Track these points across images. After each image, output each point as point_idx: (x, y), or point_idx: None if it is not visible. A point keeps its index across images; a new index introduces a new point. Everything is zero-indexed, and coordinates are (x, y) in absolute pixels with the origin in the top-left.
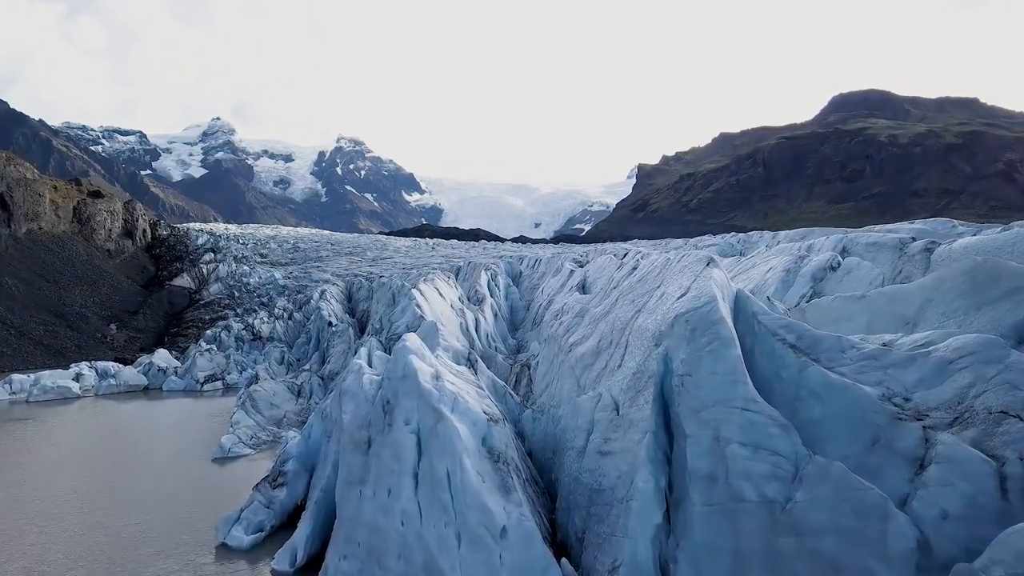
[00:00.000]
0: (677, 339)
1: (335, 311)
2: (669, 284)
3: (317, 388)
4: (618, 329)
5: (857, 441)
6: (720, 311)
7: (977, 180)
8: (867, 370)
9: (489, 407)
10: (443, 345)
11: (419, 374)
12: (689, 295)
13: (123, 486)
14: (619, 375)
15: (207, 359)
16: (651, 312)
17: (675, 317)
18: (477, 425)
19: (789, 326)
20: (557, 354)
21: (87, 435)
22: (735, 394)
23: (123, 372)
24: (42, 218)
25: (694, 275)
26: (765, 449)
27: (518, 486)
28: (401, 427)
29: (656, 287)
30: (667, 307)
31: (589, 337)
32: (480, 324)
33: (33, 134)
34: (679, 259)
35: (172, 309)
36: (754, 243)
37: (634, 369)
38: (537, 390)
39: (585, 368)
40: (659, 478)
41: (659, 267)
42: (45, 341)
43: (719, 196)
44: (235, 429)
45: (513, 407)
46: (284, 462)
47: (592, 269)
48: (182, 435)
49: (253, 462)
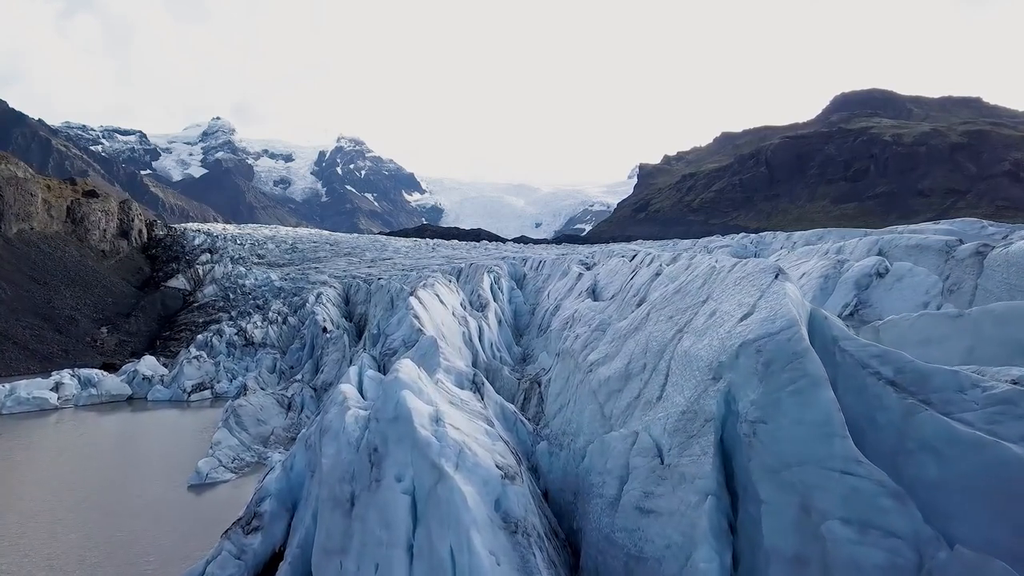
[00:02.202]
0: (744, 373)
1: (331, 316)
2: (723, 299)
3: (309, 401)
4: (654, 351)
5: (1001, 521)
6: (805, 340)
7: (983, 180)
8: (1003, 419)
9: (503, 455)
10: (444, 366)
11: (414, 417)
12: (757, 316)
13: (75, 526)
14: (659, 411)
15: (195, 367)
16: (700, 334)
17: (741, 345)
18: (489, 485)
19: (884, 355)
20: (573, 372)
21: (53, 456)
22: (831, 451)
23: (105, 381)
24: (34, 218)
25: (758, 289)
26: (876, 528)
27: (543, 567)
28: (392, 485)
29: (701, 301)
30: (725, 330)
31: (614, 357)
32: (484, 332)
33: (32, 133)
34: (731, 268)
35: (165, 312)
36: (767, 244)
37: (683, 407)
38: (550, 411)
39: (611, 394)
40: (724, 556)
41: (702, 276)
42: (31, 346)
43: (721, 196)
44: (215, 451)
45: (525, 437)
46: (260, 501)
47: (602, 273)
48: (160, 454)
49: (235, 488)
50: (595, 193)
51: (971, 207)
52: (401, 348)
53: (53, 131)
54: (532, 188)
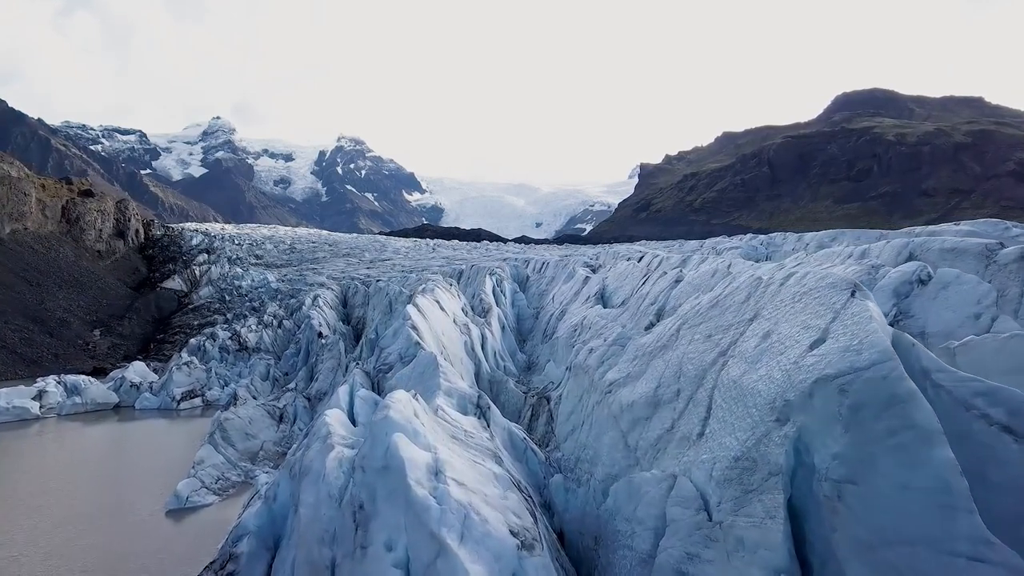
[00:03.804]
0: (822, 418)
1: (327, 319)
2: (779, 319)
3: (302, 411)
4: (689, 376)
5: None
6: (907, 379)
7: (988, 179)
8: None
9: (517, 513)
10: (445, 388)
11: (408, 469)
12: (833, 344)
13: (27, 565)
14: (702, 452)
15: (185, 373)
16: (752, 361)
17: (816, 381)
18: (502, 560)
19: (992, 393)
20: (588, 391)
21: (23, 474)
22: (952, 529)
23: (91, 389)
24: (28, 218)
25: (830, 309)
26: None
27: None
28: (380, 555)
29: (747, 319)
30: (789, 359)
31: (639, 378)
32: (487, 340)
33: (32, 133)
34: (783, 280)
35: (160, 313)
36: (779, 246)
37: (735, 451)
38: (561, 431)
39: (635, 422)
40: None
41: (745, 289)
42: (19, 349)
43: (723, 196)
44: (197, 470)
45: (536, 467)
46: (237, 540)
47: (611, 277)
48: (140, 471)
49: (219, 512)
50: (596, 193)
51: (976, 207)
52: (397, 364)
53: (52, 130)
54: (532, 188)
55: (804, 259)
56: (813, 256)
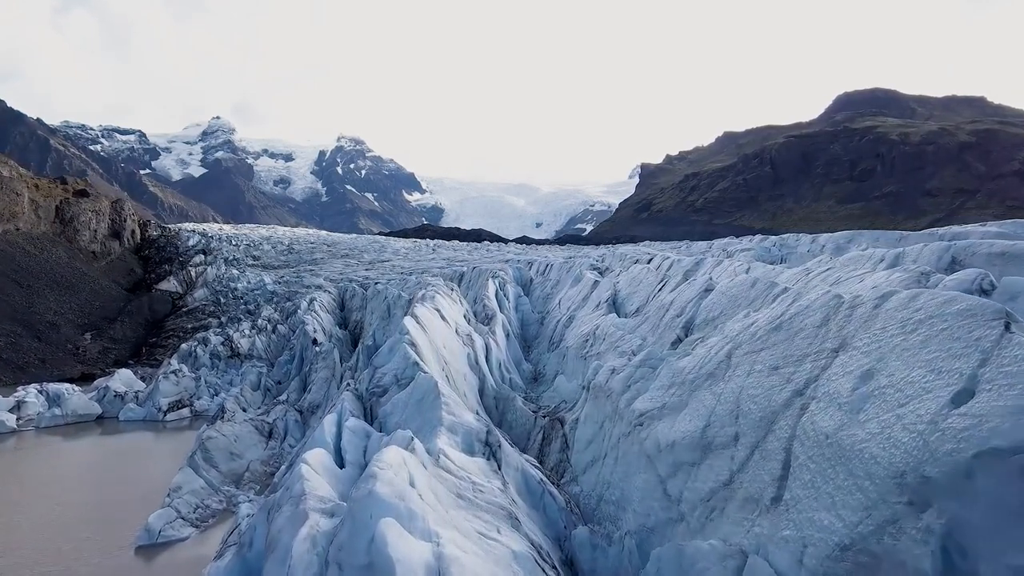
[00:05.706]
0: (988, 509)
1: (323, 325)
2: (888, 354)
3: (293, 426)
4: (752, 418)
5: None
6: None
7: (992, 179)
8: None
9: None
10: (448, 423)
11: (399, 573)
12: (996, 400)
13: None
14: (782, 524)
15: (172, 382)
16: (851, 410)
17: (979, 455)
18: None
19: None
20: (612, 419)
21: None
22: None
23: (72, 399)
24: (20, 218)
25: (977, 349)
26: None
27: None
28: None
29: (831, 350)
30: (919, 415)
31: (679, 412)
32: (491, 351)
33: (31, 132)
34: (879, 300)
35: (153, 316)
36: (792, 247)
37: (841, 536)
38: (578, 461)
39: (678, 467)
40: None
41: (821, 308)
42: (4, 354)
43: (725, 196)
44: (173, 498)
45: (555, 514)
46: None
47: (622, 281)
48: (115, 493)
49: (195, 548)
50: (596, 193)
51: (981, 207)
52: (393, 387)
53: (52, 130)
54: (533, 188)
55: (829, 262)
56: (838, 260)
